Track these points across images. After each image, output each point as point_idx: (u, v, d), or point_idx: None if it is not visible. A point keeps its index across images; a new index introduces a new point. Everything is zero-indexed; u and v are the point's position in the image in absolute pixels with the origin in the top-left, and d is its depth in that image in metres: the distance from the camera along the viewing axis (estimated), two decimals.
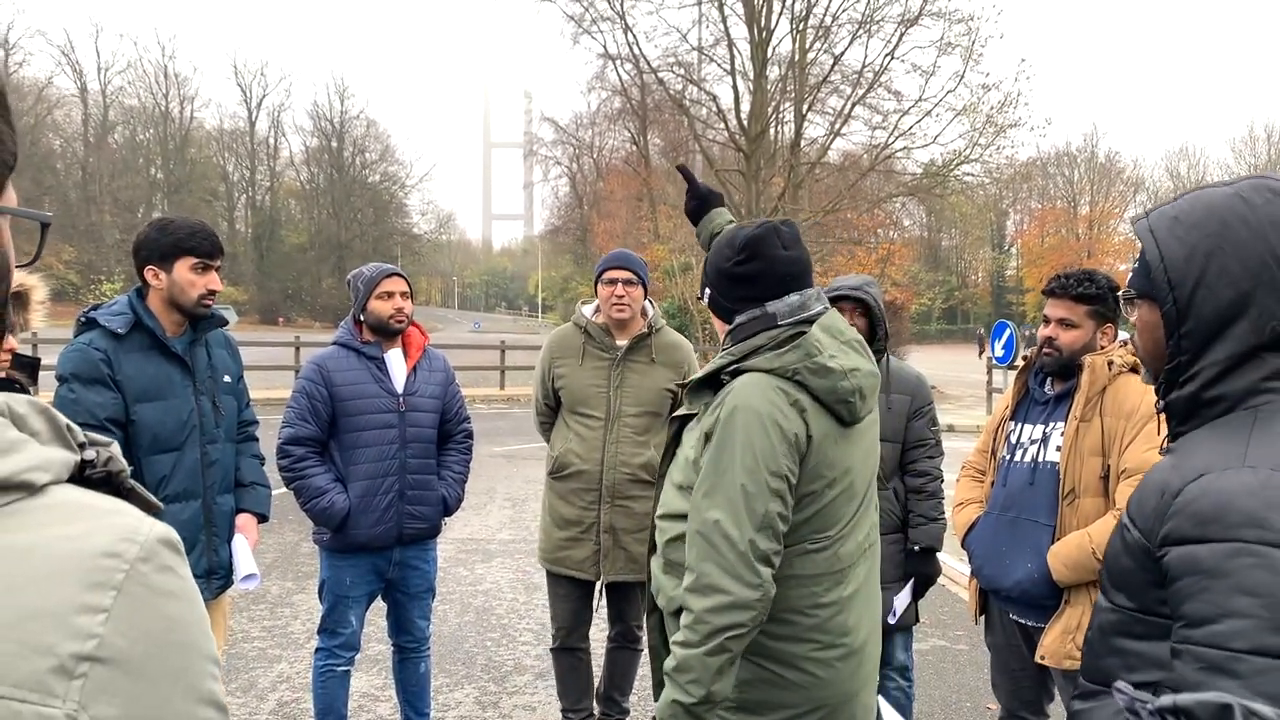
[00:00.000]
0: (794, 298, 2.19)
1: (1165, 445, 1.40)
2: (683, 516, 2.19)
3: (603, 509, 3.83)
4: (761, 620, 2.06)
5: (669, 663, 2.08)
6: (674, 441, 2.35)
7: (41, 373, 2.74)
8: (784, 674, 2.13)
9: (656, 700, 2.42)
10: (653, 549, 2.39)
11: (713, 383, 2.22)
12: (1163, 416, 1.41)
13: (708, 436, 2.12)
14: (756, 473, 2.02)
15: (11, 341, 2.48)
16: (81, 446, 0.71)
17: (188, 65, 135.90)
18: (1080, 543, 2.88)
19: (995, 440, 3.29)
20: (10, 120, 0.71)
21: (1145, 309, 1.42)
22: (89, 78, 67.47)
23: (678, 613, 2.21)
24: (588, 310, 3.99)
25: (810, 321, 2.17)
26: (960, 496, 3.38)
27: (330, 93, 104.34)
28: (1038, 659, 3.00)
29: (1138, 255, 1.42)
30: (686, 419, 2.30)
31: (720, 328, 2.31)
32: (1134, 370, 2.93)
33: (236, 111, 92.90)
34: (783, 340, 2.14)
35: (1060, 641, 2.93)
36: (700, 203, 2.89)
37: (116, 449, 0.74)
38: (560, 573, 3.95)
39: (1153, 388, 1.44)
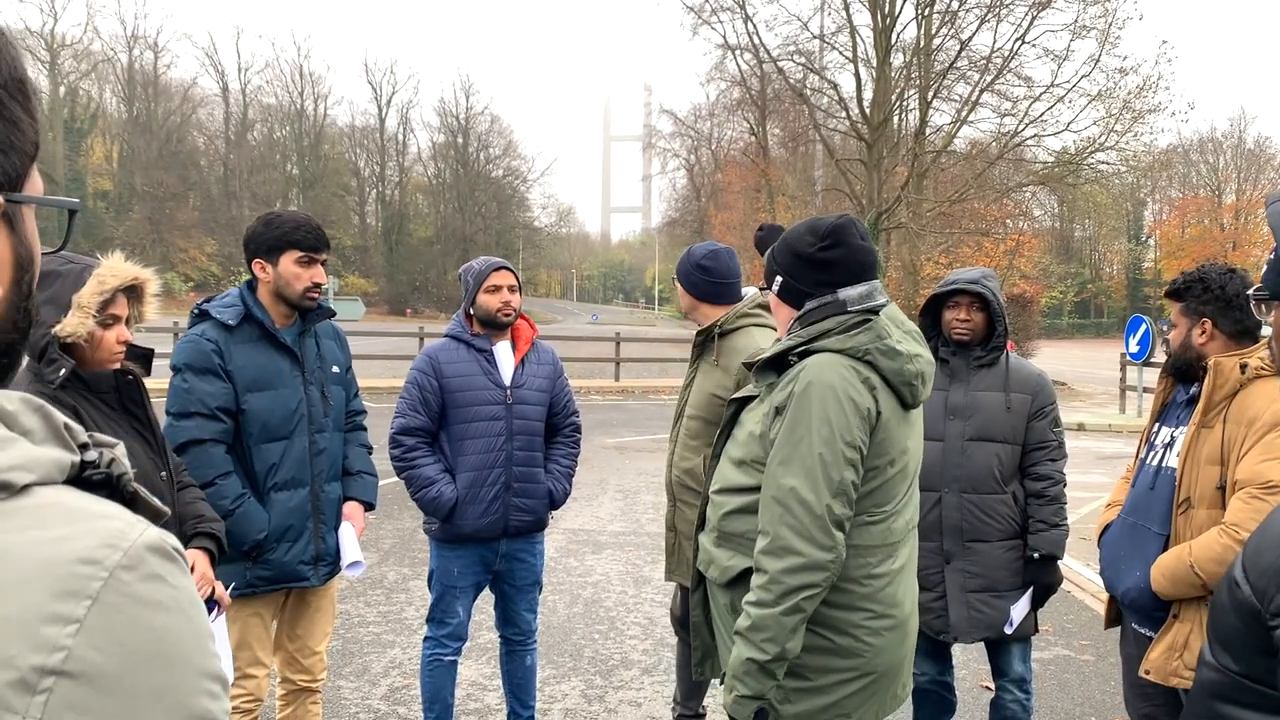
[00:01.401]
0: (863, 287, 2.32)
1: None
2: (741, 490, 2.33)
3: (669, 507, 3.79)
4: (832, 581, 2.20)
5: (742, 621, 2.21)
6: (731, 422, 2.47)
7: (156, 362, 2.83)
8: (837, 641, 2.25)
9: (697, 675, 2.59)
10: (701, 525, 2.51)
11: (777, 364, 2.34)
12: None
13: (778, 410, 2.25)
14: (833, 442, 2.16)
15: (126, 333, 2.55)
16: (84, 447, 0.68)
17: (321, 64, 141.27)
18: (1179, 555, 2.69)
19: (1140, 441, 3.13)
20: (31, 110, 0.69)
21: (1279, 311, 1.21)
22: (230, 77, 70.67)
23: (730, 584, 2.35)
24: None
25: (874, 311, 2.30)
26: (1111, 498, 3.25)
27: (456, 89, 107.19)
28: (1141, 672, 2.82)
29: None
30: (745, 401, 2.43)
31: (784, 316, 2.42)
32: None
33: (367, 109, 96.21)
34: (850, 325, 2.27)
35: (1165, 658, 2.75)
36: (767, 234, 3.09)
37: (121, 450, 0.70)
38: None
39: None
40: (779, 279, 2.40)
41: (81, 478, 0.66)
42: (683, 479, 3.66)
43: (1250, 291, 1.31)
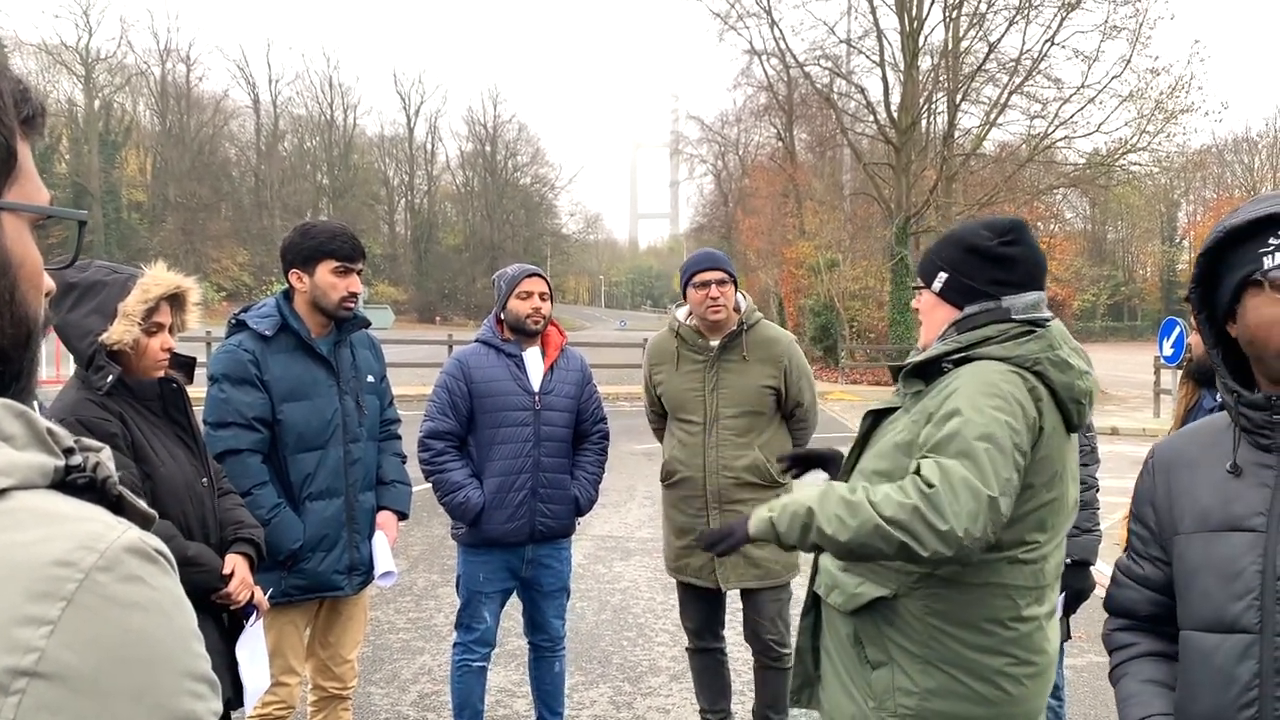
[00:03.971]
0: (1032, 295, 2.15)
1: None
2: None
3: (711, 515, 3.74)
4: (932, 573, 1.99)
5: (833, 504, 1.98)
6: (867, 436, 2.28)
7: (198, 371, 2.89)
8: (976, 687, 2.06)
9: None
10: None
11: (924, 372, 2.16)
12: None
13: (930, 417, 2.04)
14: (998, 439, 1.93)
15: (170, 341, 2.60)
16: (69, 452, 0.68)
17: (351, 75, 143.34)
18: None
19: None
20: None
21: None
22: (260, 89, 71.69)
23: (856, 612, 2.13)
24: (680, 313, 3.90)
25: (1040, 323, 2.13)
26: (1130, 509, 3.19)
27: (484, 99, 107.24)
28: None
29: None
30: (883, 414, 2.26)
31: (940, 318, 2.22)
32: None
33: (396, 118, 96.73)
34: (1014, 334, 2.09)
35: None
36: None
37: (107, 454, 0.70)
38: (683, 580, 3.93)
39: None
40: (943, 276, 2.20)
41: (66, 482, 0.66)
42: (741, 476, 3.68)
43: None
